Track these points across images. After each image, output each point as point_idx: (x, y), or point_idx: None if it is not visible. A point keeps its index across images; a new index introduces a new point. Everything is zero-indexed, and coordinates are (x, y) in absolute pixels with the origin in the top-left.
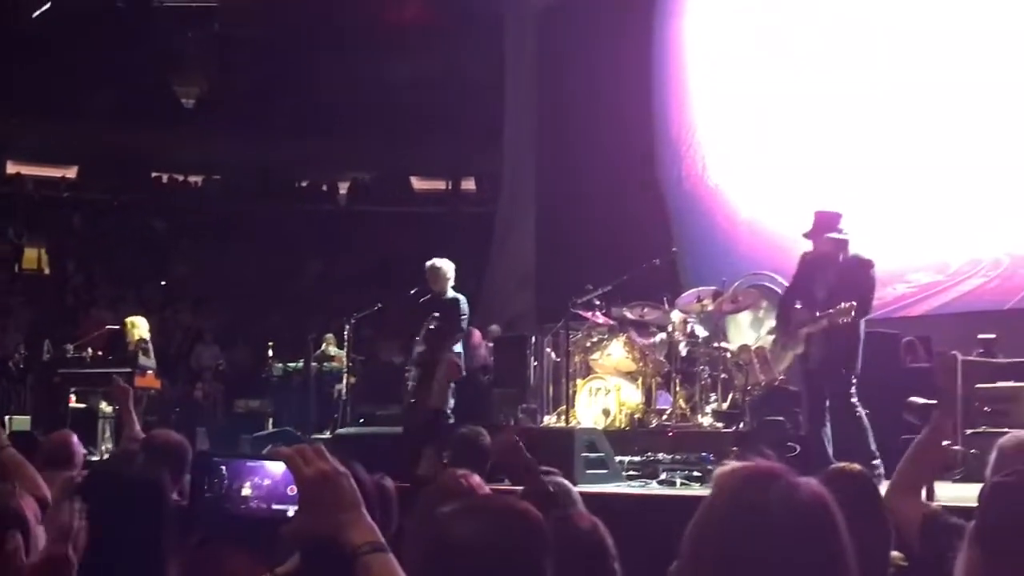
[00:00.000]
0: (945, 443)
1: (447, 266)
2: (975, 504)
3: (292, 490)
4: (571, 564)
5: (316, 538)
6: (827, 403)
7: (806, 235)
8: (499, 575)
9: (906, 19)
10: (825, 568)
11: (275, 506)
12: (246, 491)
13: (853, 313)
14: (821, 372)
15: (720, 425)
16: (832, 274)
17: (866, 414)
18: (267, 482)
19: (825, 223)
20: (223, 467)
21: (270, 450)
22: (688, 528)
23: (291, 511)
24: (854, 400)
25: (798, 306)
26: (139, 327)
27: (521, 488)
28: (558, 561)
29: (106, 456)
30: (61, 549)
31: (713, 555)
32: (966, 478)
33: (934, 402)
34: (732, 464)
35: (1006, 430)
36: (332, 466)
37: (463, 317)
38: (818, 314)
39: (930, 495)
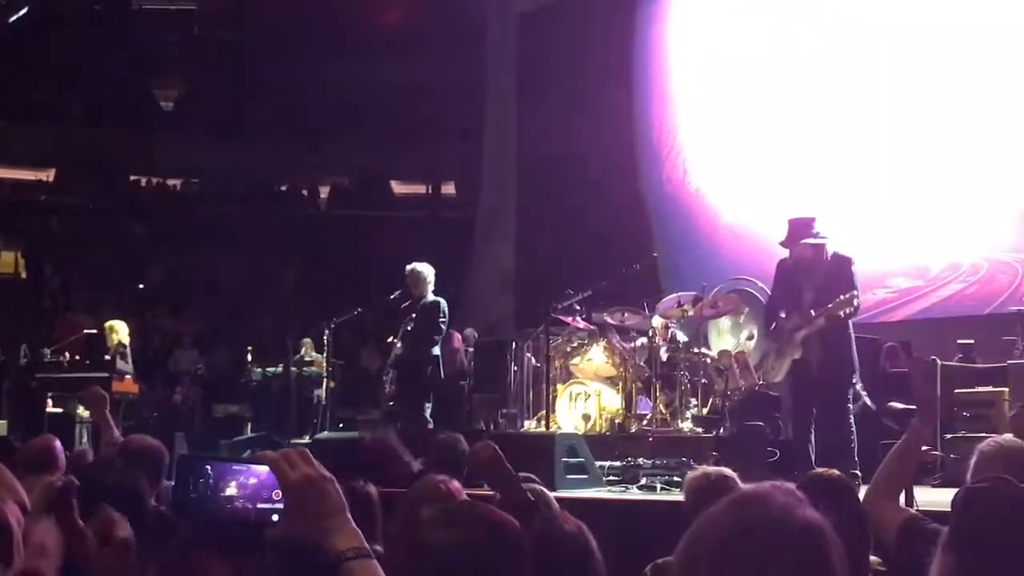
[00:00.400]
0: (924, 448)
1: (427, 270)
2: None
3: (277, 493)
4: (557, 566)
5: (300, 543)
6: (815, 413)
7: (783, 243)
8: None
9: (883, 26)
10: None
11: (260, 506)
12: (231, 491)
13: (855, 303)
14: (821, 378)
15: (700, 430)
16: (818, 276)
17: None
18: (252, 481)
19: (799, 229)
20: (208, 467)
21: (256, 454)
22: (677, 549)
23: (276, 514)
24: (849, 405)
25: (783, 315)
26: (118, 331)
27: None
28: (544, 563)
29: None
30: (37, 565)
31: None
32: (945, 482)
33: (913, 407)
34: (704, 470)
35: (984, 435)
36: (317, 471)
37: (442, 320)
38: (813, 313)
39: (909, 500)
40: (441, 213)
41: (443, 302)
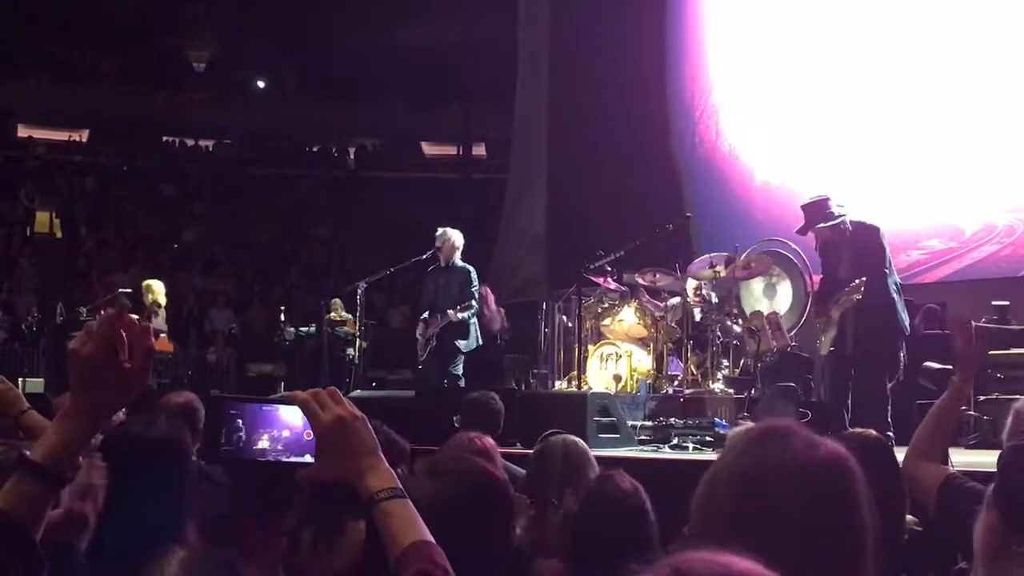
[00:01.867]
0: (961, 408)
1: (456, 235)
2: (990, 469)
3: (309, 433)
4: (612, 523)
5: (332, 484)
6: (851, 377)
7: (799, 232)
8: (458, 531)
9: None
10: (841, 527)
11: (294, 458)
12: (263, 443)
13: (863, 289)
14: (859, 351)
15: (731, 391)
16: (846, 251)
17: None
18: (286, 433)
19: (813, 214)
20: (239, 419)
21: (286, 394)
22: (698, 487)
23: (308, 458)
24: (894, 368)
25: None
26: (155, 290)
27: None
28: (599, 519)
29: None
30: (80, 506)
31: (724, 514)
32: (980, 444)
33: (949, 367)
34: (746, 425)
35: (1019, 397)
36: (349, 411)
37: (473, 287)
38: (846, 289)
39: (944, 460)
40: (472, 175)
41: (472, 270)
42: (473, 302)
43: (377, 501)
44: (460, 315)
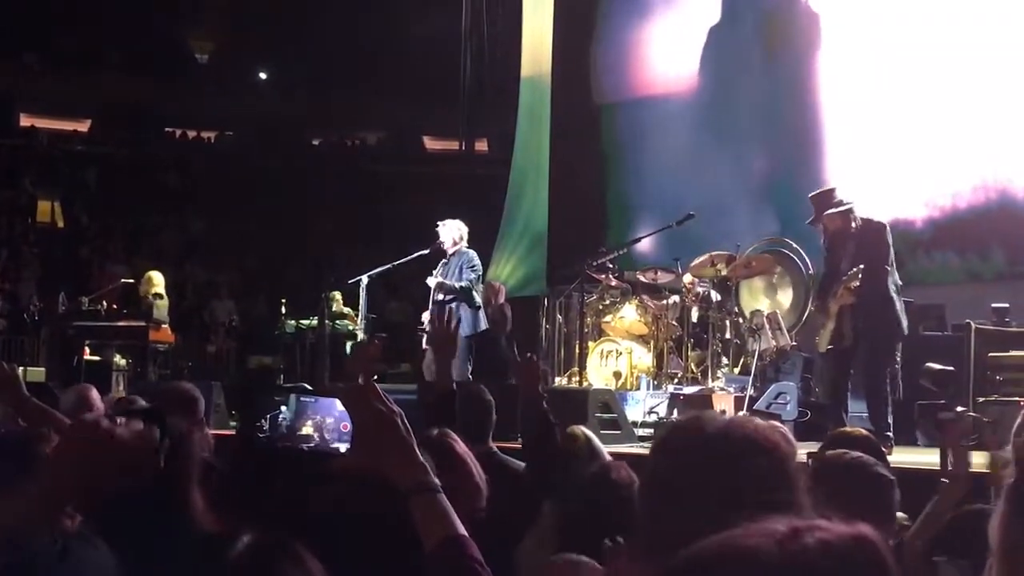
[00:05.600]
0: (960, 409)
1: (455, 224)
2: (986, 471)
3: (346, 426)
4: (608, 514)
5: (366, 475)
6: (849, 381)
7: (810, 223)
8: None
9: None
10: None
11: (335, 445)
12: (308, 429)
13: (860, 276)
14: (858, 347)
15: (731, 389)
16: (851, 244)
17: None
18: (329, 420)
19: (822, 203)
20: (283, 406)
21: (328, 386)
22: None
23: (342, 448)
24: (887, 367)
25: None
26: (155, 282)
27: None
28: (595, 510)
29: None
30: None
31: (660, 480)
32: (980, 445)
33: (951, 368)
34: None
35: (1017, 399)
36: (387, 405)
37: (473, 267)
38: (844, 279)
39: (944, 463)
40: (474, 169)
41: (475, 253)
42: (469, 280)
43: (410, 494)
44: (440, 280)
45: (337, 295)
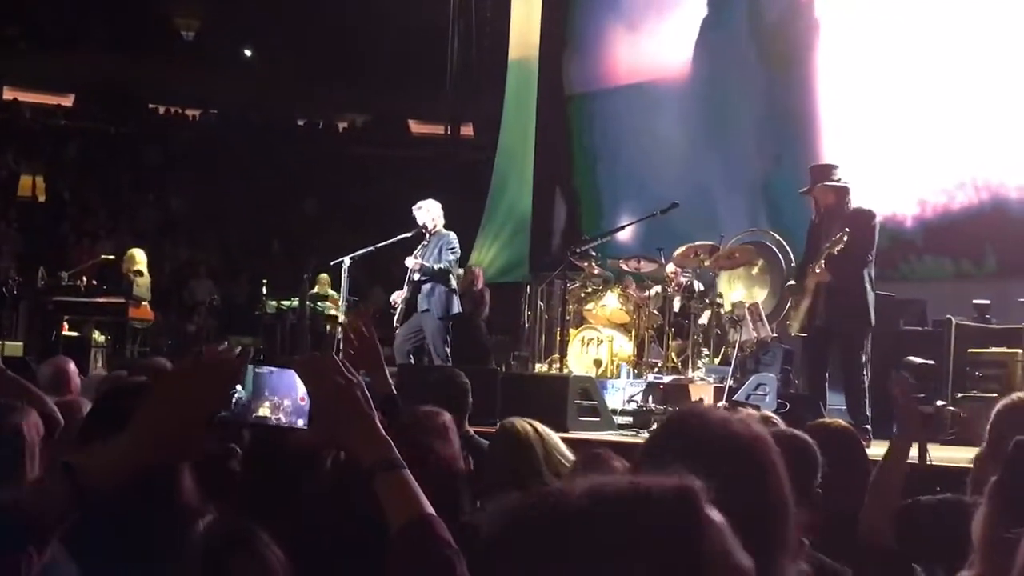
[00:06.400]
0: (939, 403)
1: (431, 204)
2: (966, 465)
3: (303, 399)
4: None
5: (326, 450)
6: (827, 371)
7: (803, 192)
8: None
9: None
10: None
11: (296, 423)
12: (264, 411)
13: (846, 238)
14: (832, 329)
15: (711, 380)
16: (837, 226)
17: (868, 379)
18: (286, 402)
19: (819, 175)
20: (238, 387)
21: (285, 358)
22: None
23: (301, 423)
24: (863, 357)
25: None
26: (137, 259)
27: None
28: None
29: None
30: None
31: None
32: (958, 440)
33: (931, 362)
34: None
35: (994, 395)
36: (345, 376)
37: (451, 249)
38: (831, 242)
39: (923, 457)
40: (460, 154)
41: (453, 235)
42: (448, 262)
43: (374, 472)
44: (419, 262)
45: (325, 277)
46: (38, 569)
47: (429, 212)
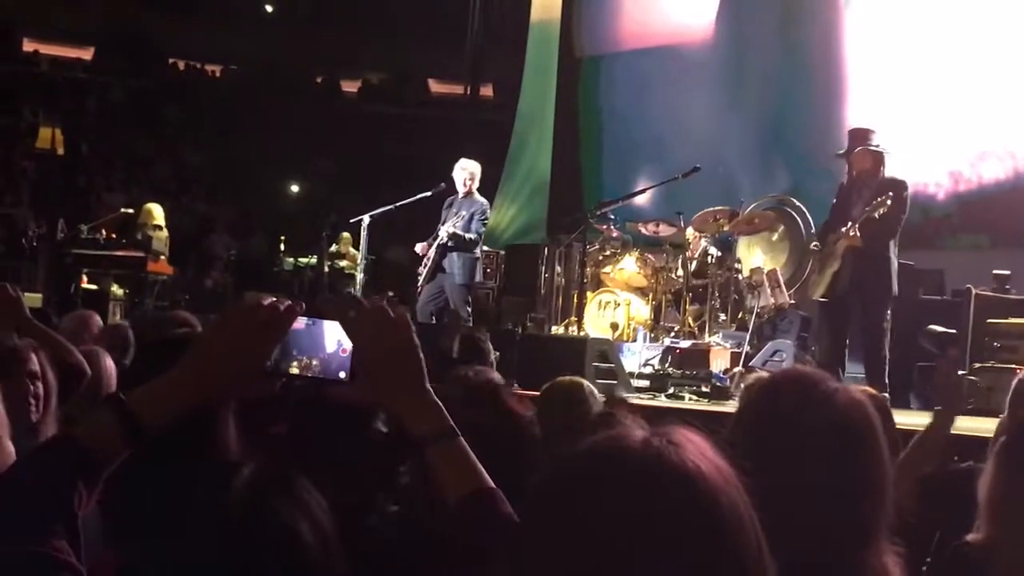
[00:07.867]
0: (959, 372)
1: (472, 164)
2: (986, 435)
3: (345, 351)
4: None
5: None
6: (847, 340)
7: (841, 155)
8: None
9: None
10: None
11: (339, 375)
12: (293, 370)
13: (889, 203)
14: (855, 296)
15: (727, 345)
16: (869, 192)
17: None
18: (315, 363)
19: (857, 138)
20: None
21: (328, 307)
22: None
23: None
24: (885, 325)
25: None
26: (154, 214)
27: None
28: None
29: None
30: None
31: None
32: (975, 411)
33: (953, 331)
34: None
35: (1014, 366)
36: (405, 336)
37: (484, 220)
38: (872, 205)
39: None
40: (479, 114)
41: (487, 204)
42: (478, 232)
43: (427, 443)
44: (454, 230)
45: (347, 236)
46: (91, 506)
47: (470, 173)
